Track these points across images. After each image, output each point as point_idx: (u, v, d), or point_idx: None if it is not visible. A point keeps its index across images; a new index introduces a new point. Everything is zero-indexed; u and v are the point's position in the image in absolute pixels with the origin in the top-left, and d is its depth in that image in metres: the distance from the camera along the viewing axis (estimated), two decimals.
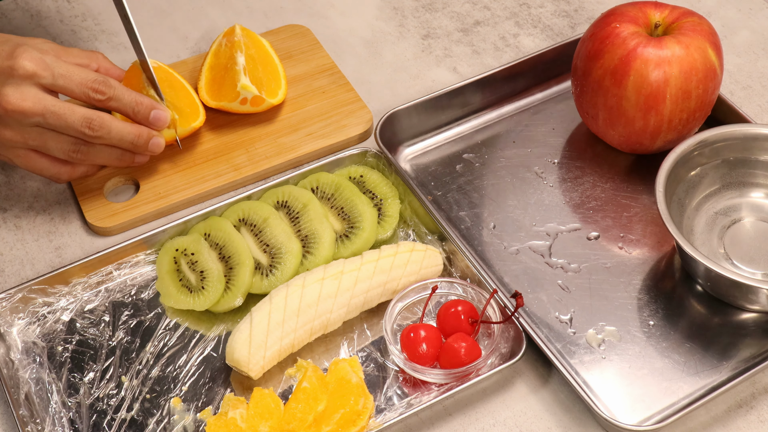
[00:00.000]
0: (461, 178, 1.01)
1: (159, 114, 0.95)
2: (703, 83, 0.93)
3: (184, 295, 0.90)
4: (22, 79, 0.88)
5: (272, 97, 1.03)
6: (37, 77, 0.89)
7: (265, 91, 1.03)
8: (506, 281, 0.92)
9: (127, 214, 0.97)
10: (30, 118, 0.89)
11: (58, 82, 0.90)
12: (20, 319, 0.90)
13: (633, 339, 0.88)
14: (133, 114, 0.94)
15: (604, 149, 1.02)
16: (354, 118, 1.05)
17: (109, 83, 0.92)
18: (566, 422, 0.84)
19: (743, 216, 0.95)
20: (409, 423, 0.84)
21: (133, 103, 0.94)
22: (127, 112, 0.94)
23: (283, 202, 0.96)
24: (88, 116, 0.91)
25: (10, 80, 0.88)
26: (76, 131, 0.91)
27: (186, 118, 1.00)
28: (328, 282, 0.87)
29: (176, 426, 0.84)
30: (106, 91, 0.92)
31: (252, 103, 1.02)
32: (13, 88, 0.88)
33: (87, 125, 0.91)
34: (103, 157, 0.95)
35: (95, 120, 0.91)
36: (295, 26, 1.15)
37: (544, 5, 1.19)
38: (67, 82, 0.91)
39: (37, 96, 0.89)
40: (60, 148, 0.92)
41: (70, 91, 0.91)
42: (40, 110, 0.89)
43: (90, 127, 0.91)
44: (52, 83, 0.90)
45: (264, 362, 0.85)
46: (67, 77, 0.91)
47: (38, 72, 0.89)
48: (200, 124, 1.01)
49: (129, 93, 0.94)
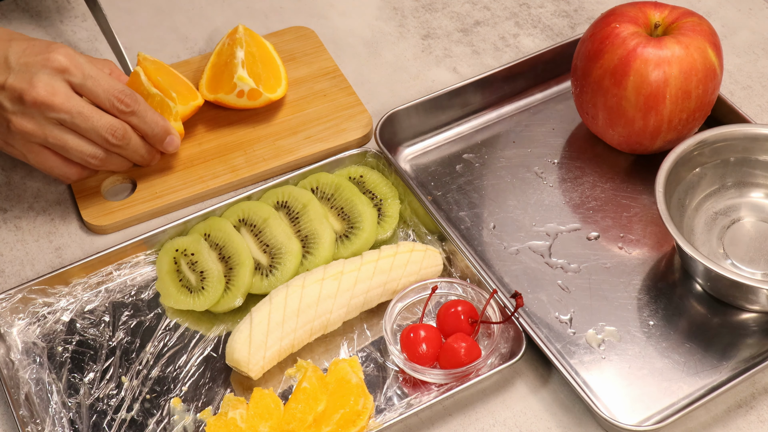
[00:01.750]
0: (461, 178, 1.01)
1: (173, 140, 0.97)
2: (703, 83, 0.93)
3: (184, 296, 0.90)
4: (54, 72, 0.89)
5: (270, 92, 1.03)
6: (68, 73, 0.90)
7: (263, 86, 1.02)
8: (506, 281, 0.92)
9: (123, 212, 0.97)
10: (57, 114, 0.89)
11: (87, 83, 0.91)
12: (20, 319, 0.90)
13: (633, 339, 0.88)
14: (151, 133, 0.95)
15: (604, 149, 1.02)
16: (353, 122, 1.05)
17: (136, 98, 0.93)
18: (566, 422, 0.84)
19: (743, 216, 0.95)
20: (409, 423, 0.84)
21: (153, 123, 0.95)
22: (145, 131, 0.95)
23: (283, 203, 0.96)
24: (114, 124, 0.92)
25: (43, 71, 0.89)
26: (99, 137, 0.92)
27: (185, 98, 1.00)
28: (328, 282, 0.87)
29: (176, 426, 0.84)
30: (131, 104, 0.92)
31: (249, 96, 1.02)
32: (46, 80, 0.89)
33: (111, 133, 0.92)
34: (113, 165, 0.96)
35: (119, 129, 0.92)
36: (300, 28, 1.15)
37: (544, 5, 1.19)
38: (95, 85, 0.91)
39: (67, 93, 0.90)
40: (78, 150, 0.92)
41: (95, 95, 0.91)
42: (68, 108, 0.89)
43: (114, 135, 0.92)
44: (82, 83, 0.90)
45: (264, 362, 0.85)
46: (96, 80, 0.91)
47: (70, 68, 0.90)
48: (200, 103, 1.02)
49: (152, 112, 0.95)
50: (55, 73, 0.89)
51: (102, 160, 0.94)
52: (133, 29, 1.16)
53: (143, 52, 1.03)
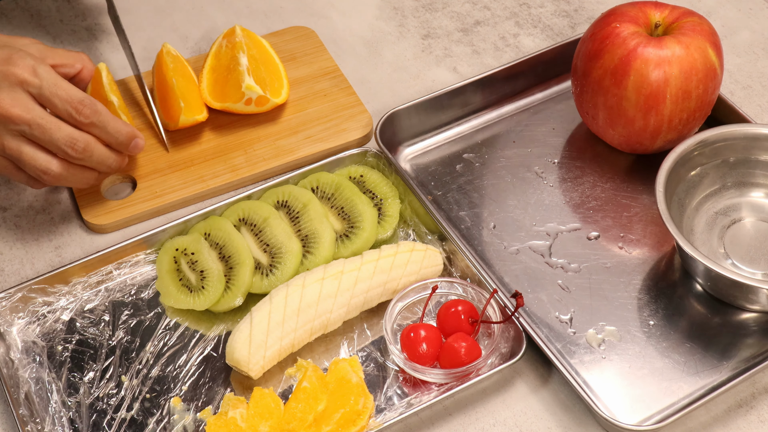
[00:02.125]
0: (461, 178, 1.01)
1: (138, 143, 0.94)
2: (703, 83, 0.93)
3: (184, 295, 0.90)
4: (13, 84, 0.88)
5: (276, 96, 1.03)
6: (27, 84, 0.88)
7: (269, 90, 1.03)
8: (506, 281, 0.92)
9: (123, 212, 0.97)
10: (16, 125, 0.88)
11: (44, 93, 0.88)
12: (20, 318, 0.90)
13: (633, 339, 0.88)
14: (115, 143, 0.92)
15: (604, 149, 1.02)
16: (354, 122, 1.05)
17: (96, 108, 0.90)
18: (566, 422, 0.84)
19: (743, 216, 0.95)
20: (409, 423, 0.84)
21: (116, 132, 0.92)
22: (108, 140, 0.92)
23: (284, 202, 0.96)
24: (74, 136, 0.89)
25: (3, 83, 0.88)
26: (58, 149, 0.89)
27: (191, 110, 1.00)
28: (328, 282, 0.87)
29: (176, 426, 0.84)
30: (90, 116, 0.89)
31: (257, 103, 1.02)
32: (5, 92, 0.87)
33: (71, 145, 0.89)
34: (76, 179, 0.93)
35: (80, 142, 0.90)
36: (300, 28, 1.15)
37: (544, 5, 1.19)
38: (52, 95, 0.88)
39: (27, 105, 0.88)
40: (32, 163, 0.89)
41: (53, 105, 0.89)
42: (27, 119, 0.87)
43: (74, 148, 0.89)
44: (39, 93, 0.88)
45: (264, 362, 0.85)
46: (53, 90, 0.89)
47: (29, 80, 0.88)
48: (203, 119, 1.02)
49: (114, 120, 0.92)
50: (15, 86, 0.88)
51: (56, 176, 0.91)
52: (133, 29, 1.16)
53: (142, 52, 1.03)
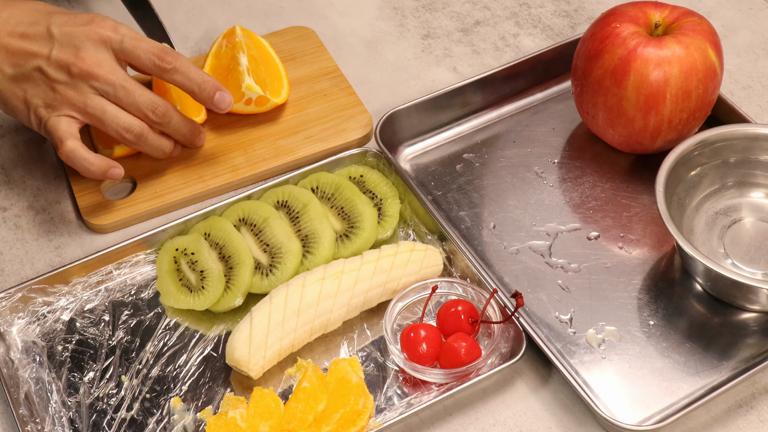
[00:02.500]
0: (461, 178, 1.01)
1: (224, 96, 0.95)
2: (703, 83, 0.93)
3: (184, 295, 0.90)
4: (97, 43, 0.90)
5: (276, 96, 1.03)
6: (109, 41, 0.91)
7: (269, 90, 1.03)
8: (506, 281, 0.92)
9: (123, 212, 0.97)
10: (100, 84, 0.90)
11: (126, 45, 0.91)
12: (20, 318, 0.90)
13: (633, 339, 0.88)
14: (198, 90, 0.94)
15: (604, 149, 1.02)
16: (354, 122, 1.05)
17: (177, 55, 0.93)
18: (566, 422, 0.84)
19: (743, 216, 0.95)
20: (409, 423, 0.84)
21: (200, 80, 0.94)
22: (192, 88, 0.94)
23: (284, 202, 0.96)
24: (155, 101, 0.93)
25: (86, 43, 0.90)
26: (140, 112, 0.92)
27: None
28: (328, 282, 0.87)
29: (176, 426, 0.84)
30: (172, 61, 0.92)
31: (257, 103, 1.02)
32: (90, 51, 0.90)
33: (152, 109, 0.92)
34: (151, 145, 0.95)
35: (160, 106, 0.93)
36: (300, 28, 1.15)
37: (544, 5, 1.19)
38: (134, 47, 0.91)
39: (112, 65, 0.91)
40: (114, 121, 0.92)
41: (136, 56, 0.92)
42: (111, 80, 0.90)
43: (154, 112, 0.92)
44: (121, 48, 0.91)
45: (264, 362, 0.85)
46: (135, 42, 0.92)
47: (111, 36, 0.91)
48: (201, 120, 1.02)
49: (196, 69, 0.94)
50: (99, 44, 0.91)
51: (137, 135, 0.93)
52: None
53: None
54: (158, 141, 0.95)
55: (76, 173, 1.00)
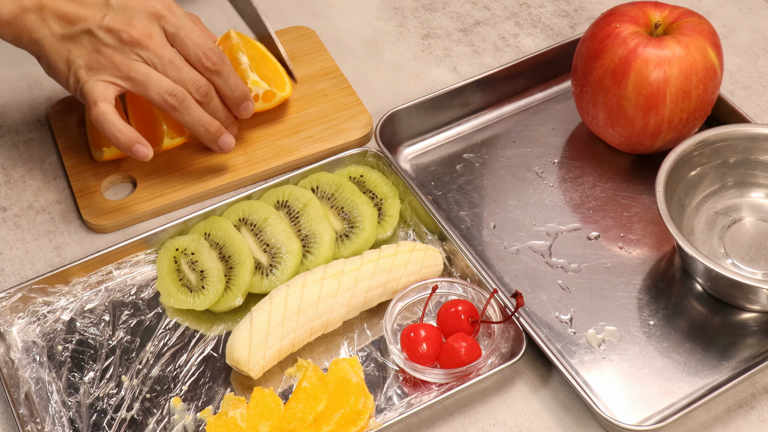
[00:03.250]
0: (461, 178, 1.01)
1: (248, 105, 0.99)
2: (703, 83, 0.93)
3: (184, 295, 0.90)
4: (152, 17, 0.92)
5: (281, 90, 1.04)
6: (164, 20, 0.92)
7: (274, 85, 1.03)
8: (506, 281, 0.92)
9: (123, 211, 0.97)
10: (149, 54, 0.91)
11: (180, 33, 0.93)
12: (20, 318, 0.90)
13: (633, 339, 0.88)
14: (231, 96, 0.97)
15: (604, 149, 1.02)
16: (354, 122, 1.05)
17: (223, 58, 0.95)
18: (566, 422, 0.84)
19: (743, 216, 0.95)
20: (409, 423, 0.84)
21: (234, 86, 0.96)
22: (225, 92, 0.96)
23: (284, 202, 0.96)
24: (199, 81, 0.94)
25: (141, 14, 0.91)
26: (185, 87, 0.93)
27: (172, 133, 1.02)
28: (328, 282, 0.87)
29: (176, 426, 0.84)
30: (218, 63, 0.94)
31: (264, 98, 1.02)
32: (143, 23, 0.91)
33: (196, 88, 0.94)
34: (193, 115, 0.95)
35: (203, 86, 0.94)
36: (300, 28, 1.15)
37: (544, 5, 1.19)
38: (186, 38, 0.93)
39: (162, 40, 0.92)
40: (159, 84, 0.92)
41: (185, 47, 0.93)
42: (161, 54, 0.92)
43: (198, 91, 0.94)
44: (175, 32, 0.93)
45: (264, 362, 0.85)
46: (188, 33, 0.93)
47: (167, 16, 0.92)
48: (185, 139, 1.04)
49: (235, 75, 0.97)
50: (153, 18, 0.92)
51: (180, 101, 0.93)
52: None
53: None
54: (200, 114, 0.96)
55: (76, 173, 1.00)
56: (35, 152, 1.04)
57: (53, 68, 0.93)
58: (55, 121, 1.05)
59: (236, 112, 0.99)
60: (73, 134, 1.04)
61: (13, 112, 1.09)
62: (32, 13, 0.91)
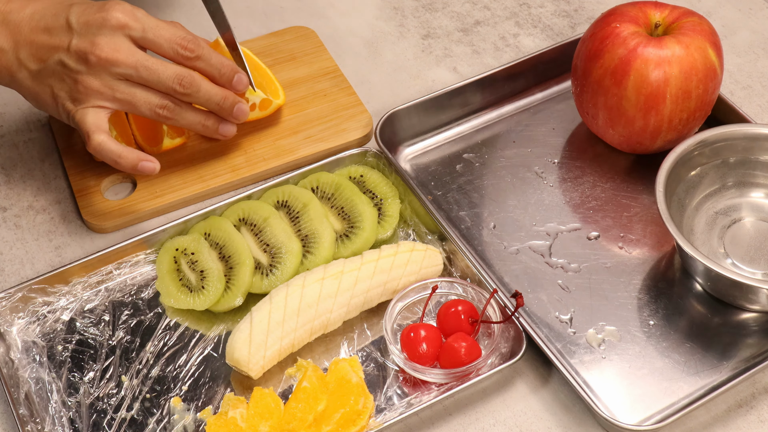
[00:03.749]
0: (461, 178, 1.01)
1: (242, 77, 0.96)
2: (704, 83, 0.93)
3: (184, 295, 0.90)
4: (114, 29, 0.90)
5: (276, 97, 1.03)
6: (128, 28, 0.90)
7: (269, 93, 1.03)
8: (506, 281, 0.92)
9: (123, 211, 0.97)
10: (121, 69, 0.90)
11: (148, 36, 0.91)
12: (20, 318, 0.90)
13: (633, 339, 0.88)
14: (218, 75, 0.95)
15: (604, 149, 1.02)
16: (354, 122, 1.05)
17: (198, 42, 0.93)
18: (566, 422, 0.84)
19: (743, 216, 0.95)
20: (409, 423, 0.84)
21: (219, 65, 0.95)
22: (212, 73, 0.95)
23: (284, 202, 0.96)
24: (180, 72, 0.92)
25: (103, 30, 0.90)
26: (167, 87, 0.92)
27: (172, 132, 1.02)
28: (328, 282, 0.87)
29: (176, 425, 0.84)
30: (195, 50, 0.93)
31: (260, 107, 1.02)
32: (107, 38, 0.90)
33: (178, 81, 0.92)
34: (188, 118, 0.95)
35: (186, 77, 0.92)
36: (300, 28, 1.15)
37: (544, 5, 1.19)
38: (156, 37, 0.91)
39: (130, 49, 0.90)
40: (146, 102, 0.92)
41: (158, 45, 0.92)
42: (132, 62, 0.90)
43: (181, 84, 0.92)
44: (143, 36, 0.91)
45: (264, 362, 0.85)
46: (156, 31, 0.91)
47: (129, 23, 0.90)
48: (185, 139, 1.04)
49: (216, 54, 0.95)
50: (116, 30, 0.90)
51: (173, 111, 0.93)
52: None
53: None
54: (194, 115, 0.95)
55: (76, 173, 1.00)
56: (35, 152, 1.04)
57: (41, 103, 0.93)
58: (55, 122, 1.05)
59: (230, 88, 0.96)
60: (73, 134, 1.04)
61: (13, 112, 1.09)
62: (9, 53, 0.90)
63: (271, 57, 1.11)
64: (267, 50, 1.12)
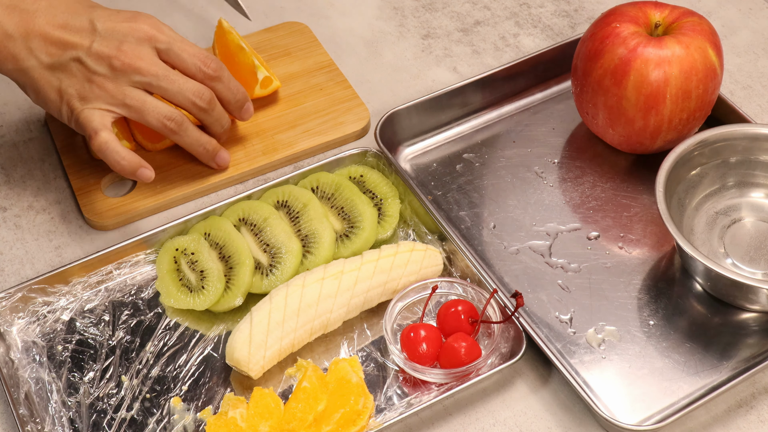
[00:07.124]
0: (461, 178, 1.01)
1: (249, 107, 0.99)
2: (703, 83, 0.93)
3: (184, 295, 0.90)
4: (140, 40, 0.91)
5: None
6: (154, 40, 0.92)
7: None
8: (506, 281, 0.92)
9: (123, 208, 0.97)
10: (143, 77, 0.91)
11: (173, 49, 0.92)
12: (20, 318, 0.90)
13: (633, 339, 0.88)
14: (233, 100, 0.97)
15: (604, 149, 1.02)
16: (351, 115, 1.05)
17: (221, 63, 0.95)
18: (566, 422, 0.84)
19: (743, 216, 0.95)
20: (409, 423, 0.84)
21: (236, 89, 0.97)
22: (227, 97, 0.97)
23: (283, 202, 0.96)
24: (200, 89, 0.94)
25: (128, 38, 0.91)
26: (185, 98, 0.93)
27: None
28: (328, 282, 0.87)
29: (176, 425, 0.84)
30: (218, 69, 0.95)
31: (262, 84, 1.04)
32: (132, 46, 0.91)
33: (199, 96, 0.93)
34: (191, 136, 0.96)
35: (206, 93, 0.94)
36: (293, 23, 1.15)
37: (544, 5, 1.19)
38: (180, 51, 0.93)
39: (153, 59, 0.92)
40: (157, 110, 0.92)
41: (182, 60, 0.93)
42: (154, 71, 0.91)
43: (201, 98, 0.94)
44: (168, 48, 0.92)
45: (264, 362, 0.85)
46: (181, 45, 0.93)
47: (156, 35, 0.92)
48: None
49: (235, 80, 0.97)
50: (142, 41, 0.91)
51: (179, 124, 0.94)
52: None
53: None
54: (198, 134, 0.96)
55: (75, 172, 1.00)
56: (35, 152, 1.04)
57: (43, 98, 0.92)
58: (52, 121, 1.05)
59: (238, 114, 0.99)
60: (71, 133, 1.04)
61: (13, 112, 1.09)
62: (17, 40, 0.90)
63: (266, 52, 1.12)
64: (261, 46, 1.12)
